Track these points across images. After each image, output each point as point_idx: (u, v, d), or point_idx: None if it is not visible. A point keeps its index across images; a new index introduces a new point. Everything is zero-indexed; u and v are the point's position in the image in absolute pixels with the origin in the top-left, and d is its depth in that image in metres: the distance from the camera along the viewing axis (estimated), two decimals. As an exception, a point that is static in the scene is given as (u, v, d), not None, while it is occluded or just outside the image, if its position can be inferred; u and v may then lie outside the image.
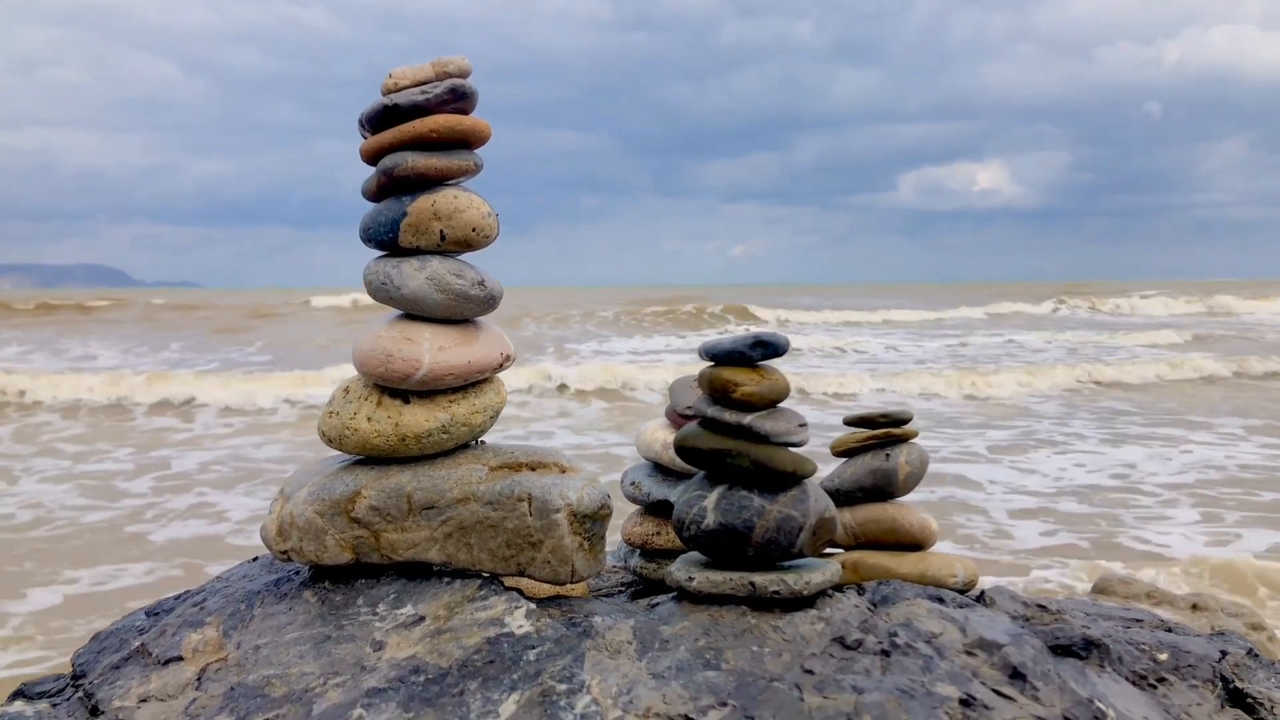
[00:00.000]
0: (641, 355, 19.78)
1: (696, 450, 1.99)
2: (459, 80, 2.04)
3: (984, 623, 1.89)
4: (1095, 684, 1.81)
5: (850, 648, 1.80)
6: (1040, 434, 10.31)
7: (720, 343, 1.99)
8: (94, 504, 7.28)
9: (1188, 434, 10.12)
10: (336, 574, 2.08)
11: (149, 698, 1.86)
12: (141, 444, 9.89)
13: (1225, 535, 6.36)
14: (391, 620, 1.93)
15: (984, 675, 1.74)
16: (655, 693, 1.69)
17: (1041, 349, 21.09)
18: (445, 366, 2.02)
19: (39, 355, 19.18)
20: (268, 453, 9.43)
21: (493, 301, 2.09)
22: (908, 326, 28.78)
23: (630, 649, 1.82)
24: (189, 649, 1.96)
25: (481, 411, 2.09)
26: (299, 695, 1.78)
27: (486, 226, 2.06)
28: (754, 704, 1.65)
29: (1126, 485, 7.80)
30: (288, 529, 2.04)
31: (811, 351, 20.54)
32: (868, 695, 1.65)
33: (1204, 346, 20.50)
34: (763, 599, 1.91)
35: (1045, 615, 2.07)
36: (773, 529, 1.91)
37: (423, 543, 2.02)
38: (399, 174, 2.02)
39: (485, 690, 1.74)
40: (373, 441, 2.04)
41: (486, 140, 2.09)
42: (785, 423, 1.96)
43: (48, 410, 12.02)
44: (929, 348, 21.61)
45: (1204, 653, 2.09)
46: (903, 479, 2.30)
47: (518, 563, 2.02)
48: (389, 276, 2.04)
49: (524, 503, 2.00)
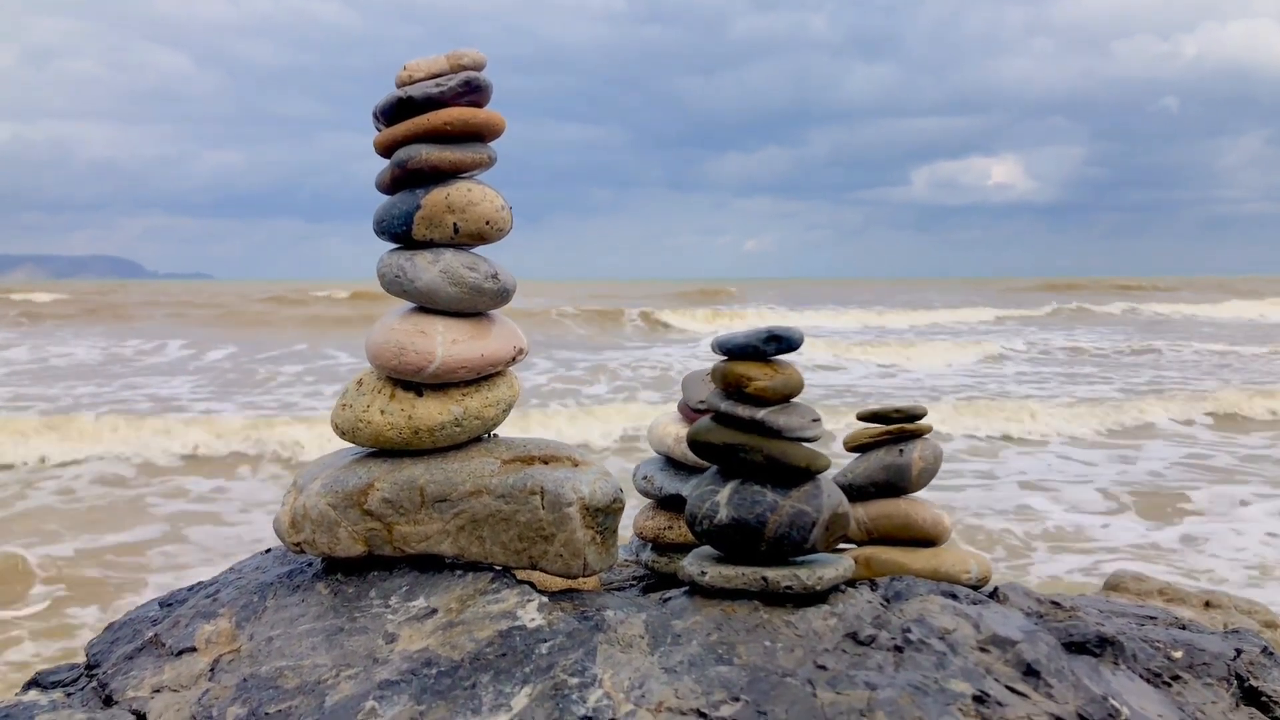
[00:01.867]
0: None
1: (710, 445, 1.98)
2: (473, 73, 2.03)
3: (997, 619, 1.88)
4: (1109, 681, 1.81)
5: (863, 643, 1.79)
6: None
7: (734, 337, 1.98)
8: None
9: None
10: (349, 566, 2.08)
11: (162, 688, 1.87)
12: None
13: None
14: (404, 613, 1.93)
15: (997, 672, 1.73)
16: (667, 687, 1.69)
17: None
18: (458, 359, 2.02)
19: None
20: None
21: (506, 295, 2.09)
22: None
23: (642, 643, 1.82)
24: (202, 640, 1.96)
25: (494, 405, 2.09)
26: (311, 687, 1.78)
27: (500, 220, 2.05)
28: (766, 699, 1.65)
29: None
30: (300, 521, 2.05)
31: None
32: (881, 691, 1.65)
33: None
34: (775, 594, 1.91)
35: (1059, 612, 2.06)
36: (786, 524, 1.91)
37: (435, 535, 2.02)
38: (413, 167, 2.01)
39: (497, 683, 1.74)
40: (386, 434, 2.04)
41: (500, 133, 2.08)
42: (799, 418, 1.95)
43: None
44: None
45: (1219, 650, 2.08)
46: (916, 474, 2.29)
47: (530, 556, 2.02)
48: (402, 269, 2.04)
49: (536, 496, 1.99)
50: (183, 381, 14.77)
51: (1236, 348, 20.33)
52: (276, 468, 8.96)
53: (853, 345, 19.88)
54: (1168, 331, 24.99)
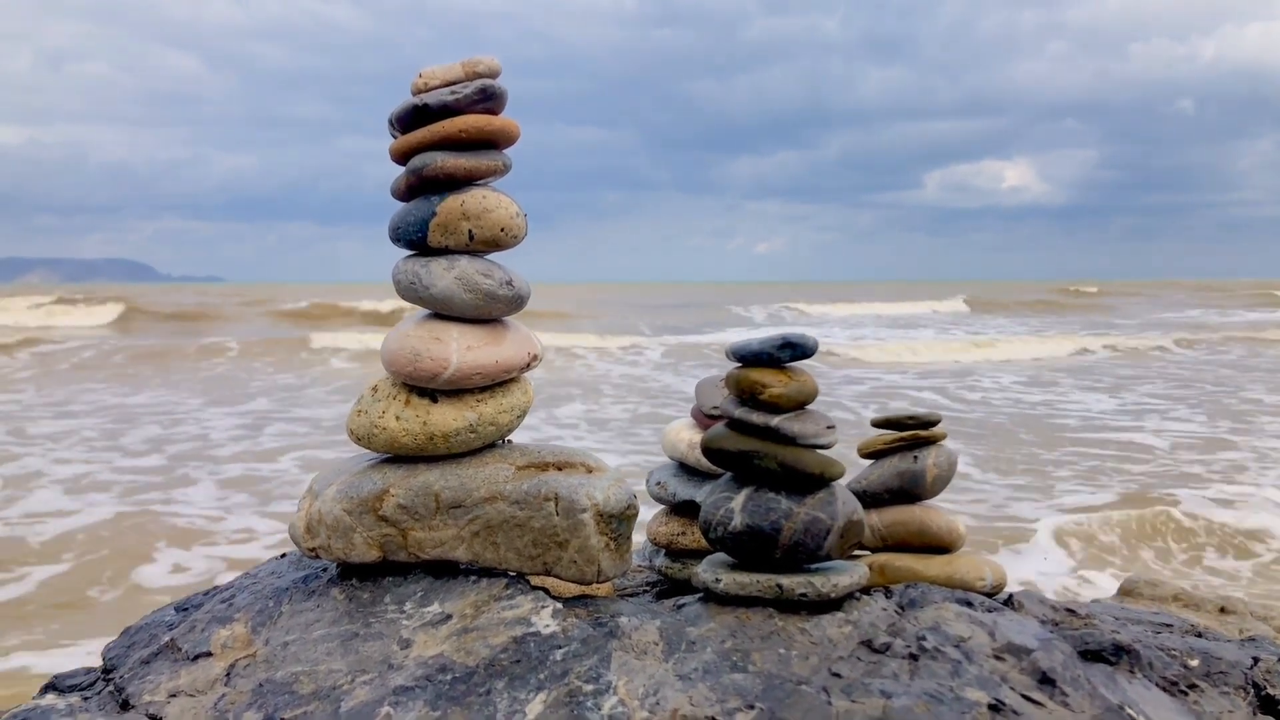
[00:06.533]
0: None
1: (724, 451, 1.98)
2: (488, 80, 2.04)
3: (1013, 627, 1.87)
4: (1125, 690, 1.80)
5: (878, 651, 1.79)
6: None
7: (748, 344, 1.98)
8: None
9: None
10: (364, 571, 2.09)
11: (178, 693, 1.88)
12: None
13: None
14: (419, 618, 1.94)
15: (1013, 680, 1.73)
16: (682, 694, 1.69)
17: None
18: (473, 366, 2.03)
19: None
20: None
21: (520, 301, 2.09)
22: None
23: (657, 650, 1.82)
24: (218, 645, 1.97)
25: (509, 411, 2.09)
26: (327, 692, 1.79)
27: (515, 226, 2.06)
28: (781, 707, 1.64)
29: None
30: (316, 526, 2.05)
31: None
32: (896, 699, 1.64)
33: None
34: (790, 601, 1.90)
35: (1074, 620, 2.06)
36: (800, 531, 1.91)
37: (450, 541, 2.03)
38: (428, 174, 2.02)
39: (512, 689, 1.74)
40: (401, 440, 2.04)
41: (515, 140, 2.09)
42: (813, 424, 1.95)
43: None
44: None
45: (1235, 659, 2.06)
46: (930, 481, 2.29)
47: (544, 562, 2.02)
48: (417, 276, 2.05)
49: (551, 502, 2.00)
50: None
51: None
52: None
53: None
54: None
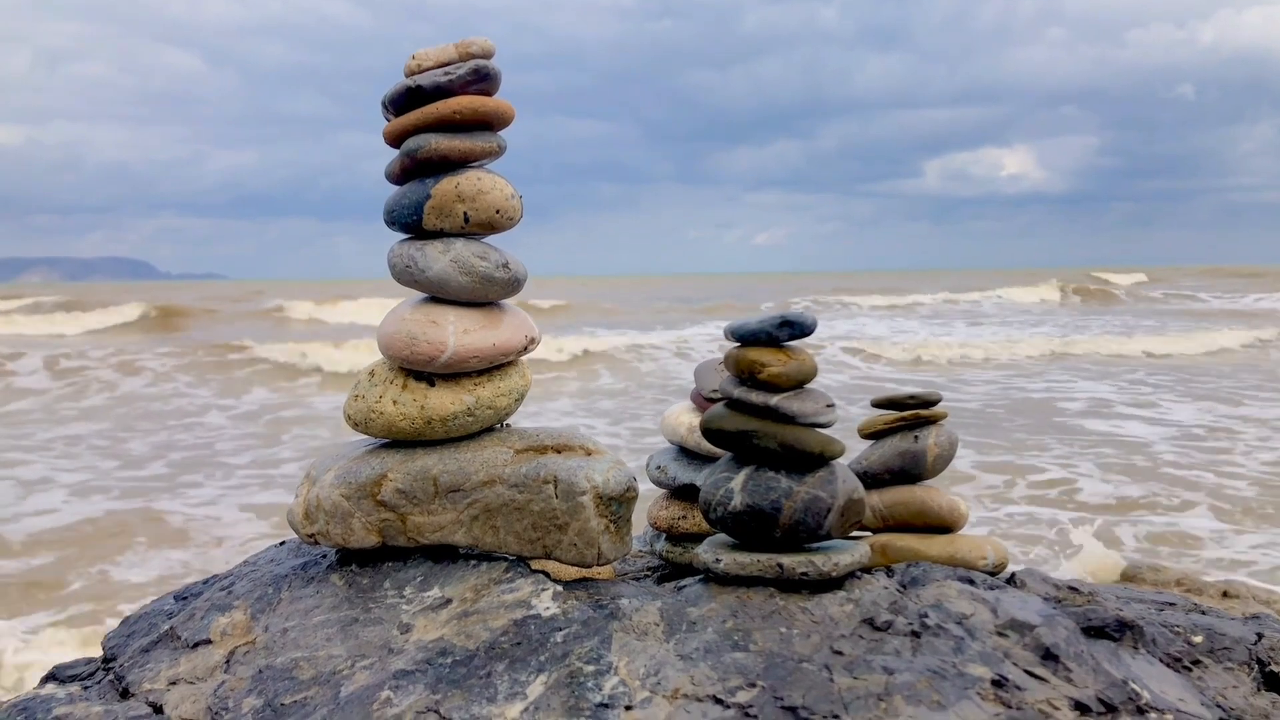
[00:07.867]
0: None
1: (723, 432, 1.97)
2: (482, 61, 2.03)
3: (1015, 604, 1.86)
4: (1129, 665, 1.79)
5: (880, 629, 1.78)
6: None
7: (746, 323, 1.97)
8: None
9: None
10: (363, 557, 2.08)
11: (178, 680, 1.87)
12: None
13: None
14: (418, 603, 1.93)
15: (1016, 656, 1.72)
16: (683, 674, 1.68)
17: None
18: (470, 349, 2.02)
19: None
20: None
21: (517, 284, 2.08)
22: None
23: (658, 630, 1.81)
24: (217, 632, 1.96)
25: (506, 394, 2.08)
26: (327, 677, 1.78)
27: (510, 208, 2.05)
28: (783, 685, 1.63)
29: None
30: (314, 512, 2.05)
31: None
32: (898, 676, 1.63)
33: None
34: (791, 580, 1.89)
35: (1077, 597, 2.05)
36: (800, 510, 1.90)
37: (449, 525, 2.02)
38: (422, 156, 2.01)
39: (512, 672, 1.73)
40: (398, 424, 2.03)
41: (510, 122, 2.07)
42: (813, 403, 1.94)
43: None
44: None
45: (1239, 635, 2.06)
46: (931, 461, 2.28)
47: (544, 545, 2.01)
48: (413, 259, 2.04)
49: (550, 485, 1.99)
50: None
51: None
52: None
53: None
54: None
